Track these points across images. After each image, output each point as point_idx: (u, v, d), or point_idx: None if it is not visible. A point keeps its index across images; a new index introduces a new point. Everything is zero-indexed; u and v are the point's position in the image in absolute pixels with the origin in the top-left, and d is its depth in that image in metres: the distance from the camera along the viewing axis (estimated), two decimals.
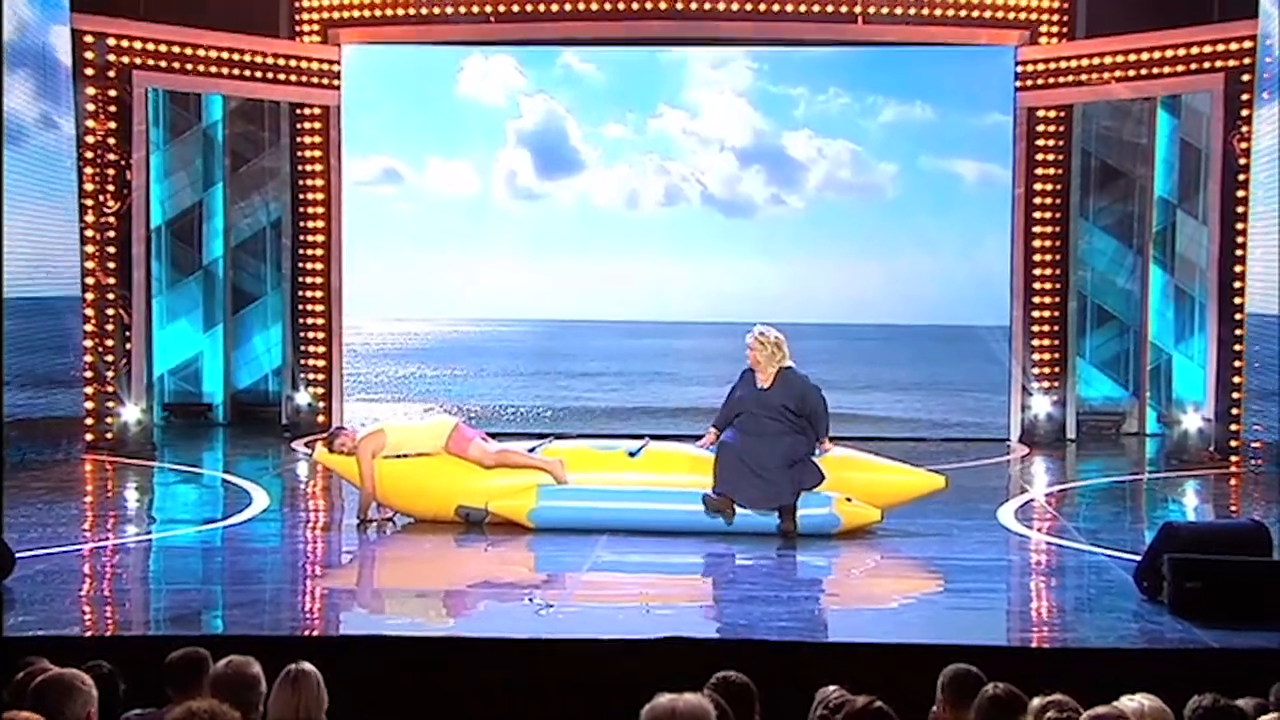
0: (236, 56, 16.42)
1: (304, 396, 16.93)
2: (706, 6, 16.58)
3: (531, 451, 10.91)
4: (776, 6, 16.56)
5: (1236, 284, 14.94)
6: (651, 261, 17.05)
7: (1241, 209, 14.82)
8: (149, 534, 11.11)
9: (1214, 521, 11.67)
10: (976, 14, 16.53)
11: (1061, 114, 16.59)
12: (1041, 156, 16.59)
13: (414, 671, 7.22)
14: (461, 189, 17.30)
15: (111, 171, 15.42)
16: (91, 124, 15.25)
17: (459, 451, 10.80)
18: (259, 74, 16.59)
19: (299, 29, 16.94)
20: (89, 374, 15.15)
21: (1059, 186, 16.63)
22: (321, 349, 17.18)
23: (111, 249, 15.43)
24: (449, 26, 16.74)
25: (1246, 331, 14.64)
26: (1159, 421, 16.63)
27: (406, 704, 7.05)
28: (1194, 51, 15.53)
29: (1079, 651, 7.58)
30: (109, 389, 15.22)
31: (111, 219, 15.40)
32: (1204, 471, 14.17)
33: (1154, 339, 16.74)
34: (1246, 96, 14.76)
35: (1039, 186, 16.62)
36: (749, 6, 16.59)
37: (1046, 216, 16.66)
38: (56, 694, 4.76)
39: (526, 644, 7.42)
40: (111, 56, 15.45)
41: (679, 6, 16.58)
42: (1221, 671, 6.55)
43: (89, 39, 15.29)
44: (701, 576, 9.85)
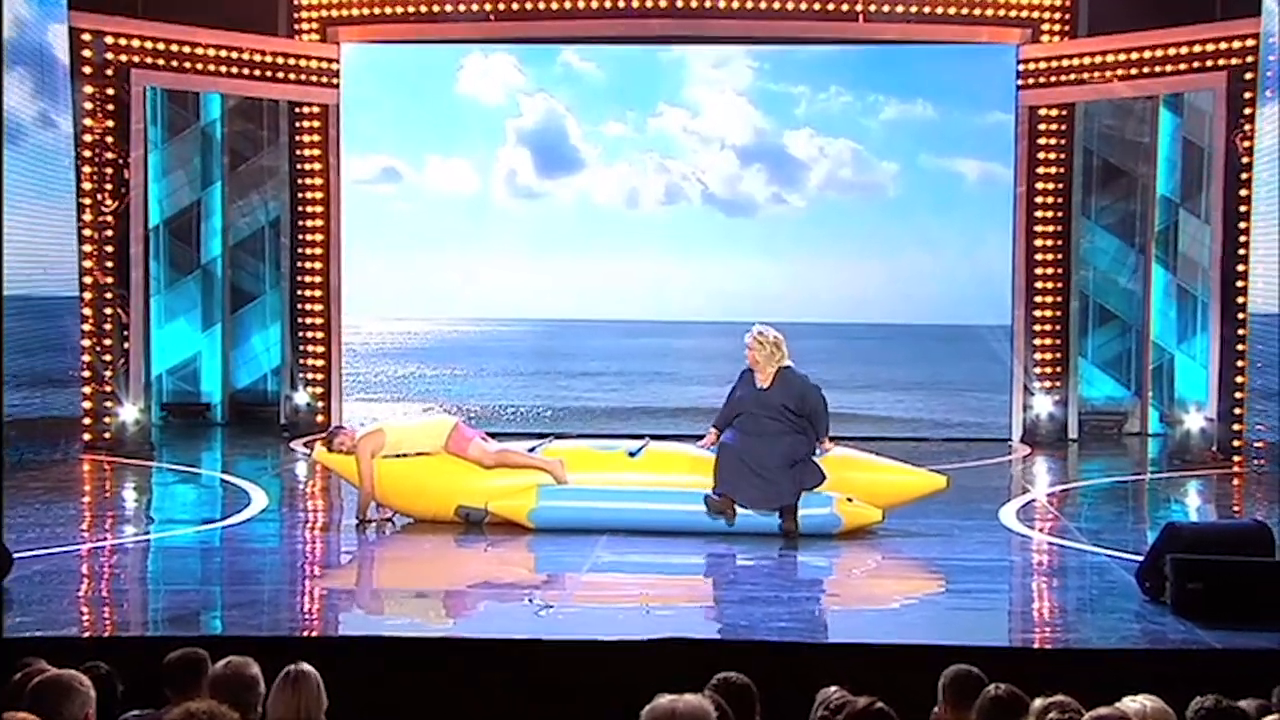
0: (235, 55, 16.39)
1: (303, 396, 16.89)
2: (707, 5, 16.54)
3: (531, 451, 10.90)
4: (777, 5, 16.52)
5: (1239, 283, 14.90)
6: (652, 261, 17.03)
7: (1244, 208, 14.78)
8: (147, 534, 11.10)
9: (1216, 522, 11.67)
10: (978, 12, 16.50)
11: (1063, 112, 16.56)
12: (1043, 155, 16.55)
13: (413, 672, 7.20)
14: (461, 188, 17.27)
15: (109, 170, 15.39)
16: (89, 122, 15.22)
17: (458, 451, 10.78)
18: (257, 72, 16.56)
19: (298, 27, 16.90)
20: (87, 374, 15.11)
21: (1061, 185, 16.61)
22: (320, 348, 17.15)
23: (109, 248, 15.41)
24: (448, 25, 16.72)
25: (1249, 331, 14.61)
26: (1161, 421, 16.62)
27: (406, 705, 7.03)
28: (1196, 50, 15.50)
29: (1081, 652, 7.57)
30: (107, 389, 15.20)
31: (109, 218, 15.37)
32: (1206, 472, 14.16)
33: (1156, 338, 16.72)
34: (1249, 95, 14.74)
35: (1041, 185, 16.59)
36: (749, 5, 16.54)
37: (1048, 215, 16.63)
38: (54, 695, 4.76)
39: (526, 645, 7.39)
40: (109, 55, 15.43)
41: (679, 5, 16.55)
42: (1224, 672, 6.55)
43: (87, 37, 15.25)
44: (702, 577, 9.84)
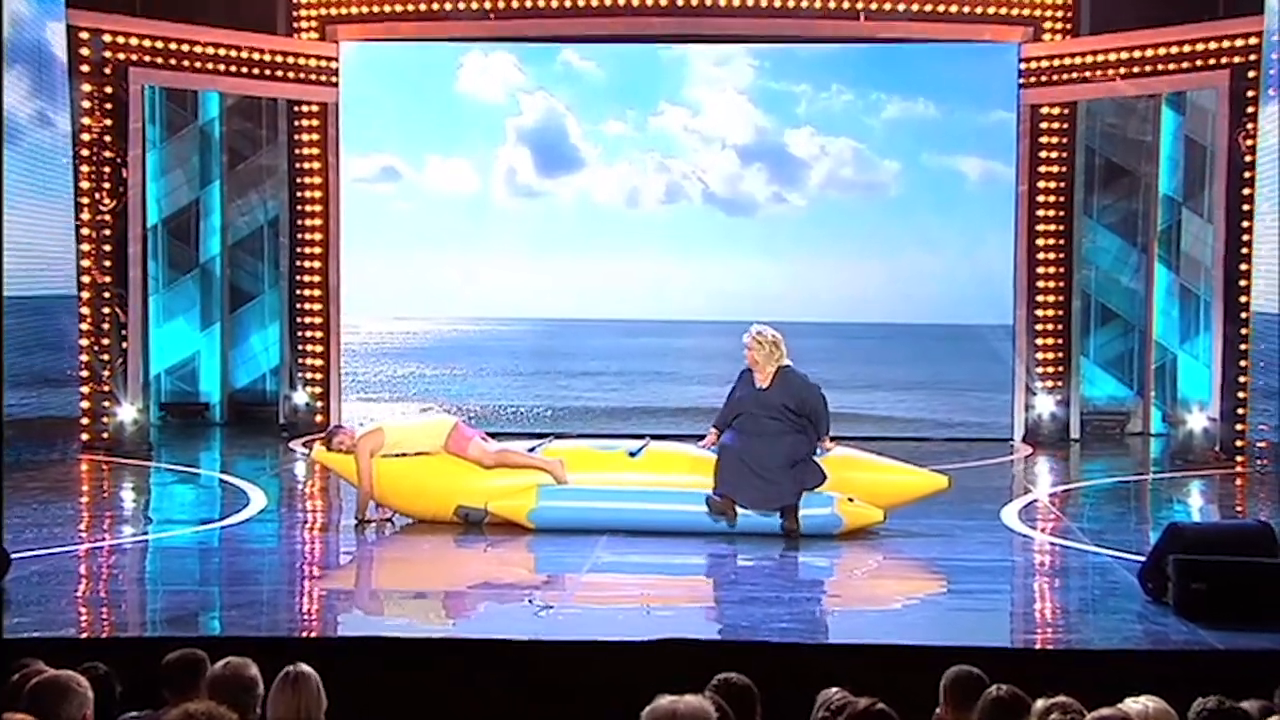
0: (233, 53, 16.35)
1: (302, 396, 16.86)
2: (708, 3, 16.51)
3: (531, 451, 10.88)
4: (779, 3, 16.49)
5: (1242, 282, 14.86)
6: (652, 260, 16.98)
7: (1247, 207, 14.74)
8: (145, 535, 11.08)
9: (1219, 522, 11.65)
10: (980, 10, 16.48)
11: (1065, 111, 16.53)
12: (1045, 154, 16.51)
13: (413, 673, 7.19)
14: (461, 187, 17.22)
15: (107, 169, 15.35)
16: (87, 121, 15.19)
17: (458, 451, 10.76)
18: (256, 71, 16.52)
19: (297, 25, 16.87)
20: (85, 373, 15.08)
21: (1063, 184, 16.56)
22: (319, 348, 17.11)
23: (107, 247, 15.37)
24: (448, 23, 16.70)
25: (1252, 330, 14.56)
26: (1164, 421, 16.59)
27: (405, 706, 7.01)
28: (1199, 48, 15.46)
29: (1083, 653, 7.56)
30: (105, 388, 15.16)
31: (107, 217, 15.34)
32: (1209, 471, 14.15)
33: (1159, 338, 16.68)
34: (1252, 93, 14.72)
35: (1043, 184, 16.54)
36: (750, 3, 16.51)
37: (1050, 214, 16.60)
38: (52, 696, 4.76)
39: (526, 645, 7.38)
40: (108, 53, 15.40)
41: (680, 3, 16.52)
42: (1226, 673, 6.54)
43: (85, 35, 15.21)
44: (703, 577, 9.82)
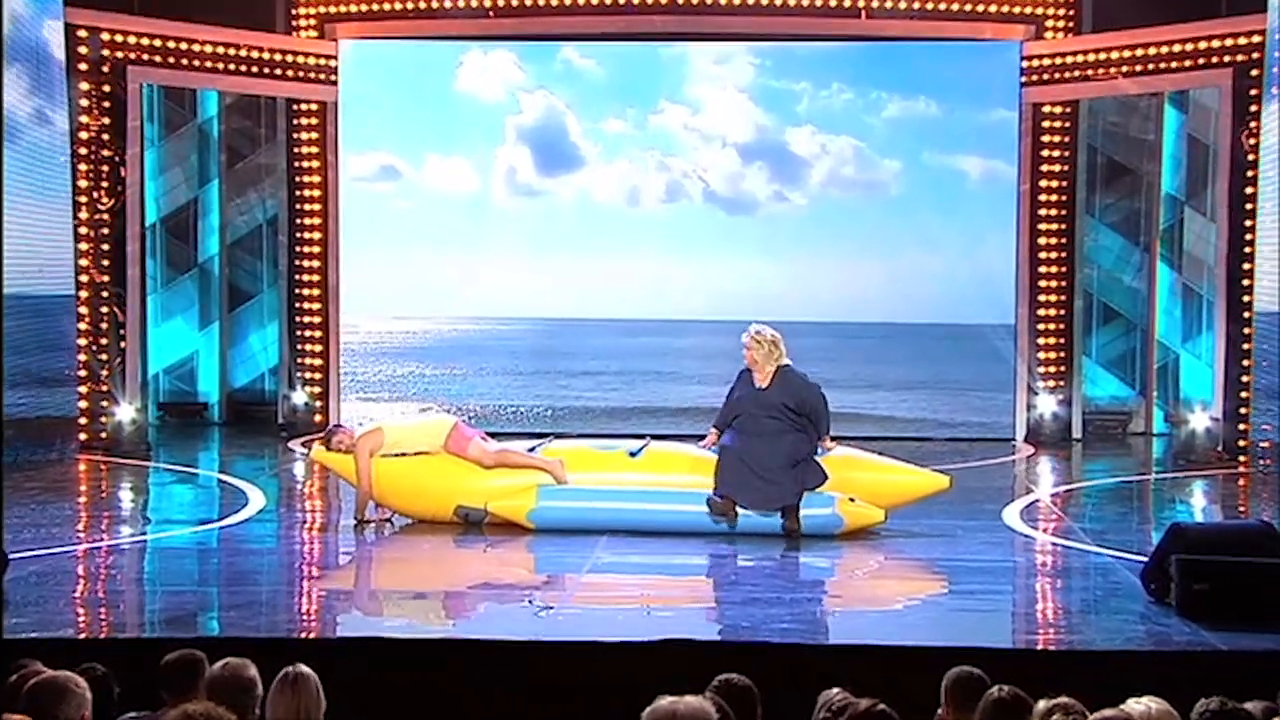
0: (232, 51, 16.30)
1: (301, 396, 16.83)
2: (708, 1, 16.48)
3: (531, 451, 10.86)
4: (779, 1, 16.44)
5: (1245, 282, 14.82)
6: (652, 259, 16.95)
7: (1250, 206, 14.73)
8: (144, 535, 11.07)
9: (1222, 522, 11.64)
10: (981, 8, 16.45)
11: (1067, 110, 16.49)
12: (1047, 153, 16.48)
13: (412, 674, 7.17)
14: (460, 186, 17.19)
15: (105, 168, 15.30)
16: (85, 120, 15.14)
17: (458, 450, 10.74)
18: (255, 69, 16.47)
19: (295, 24, 16.83)
20: (83, 373, 15.06)
21: (1065, 183, 16.54)
22: (318, 347, 17.07)
23: (105, 246, 15.33)
24: (448, 21, 16.69)
25: (1255, 330, 14.55)
26: (1166, 421, 16.55)
27: (405, 707, 6.99)
28: (1202, 46, 15.41)
29: (1085, 654, 7.54)
30: (103, 388, 15.13)
31: (105, 216, 15.29)
32: (1212, 471, 14.15)
33: (1161, 337, 16.65)
34: (1255, 92, 14.70)
35: (1044, 183, 16.51)
36: (751, 1, 16.47)
37: (1052, 213, 16.56)
38: (50, 697, 4.77)
39: (526, 646, 7.37)
40: (106, 51, 15.36)
41: (680, 1, 16.49)
42: (1229, 674, 6.52)
43: (83, 33, 15.16)
44: (703, 578, 9.80)
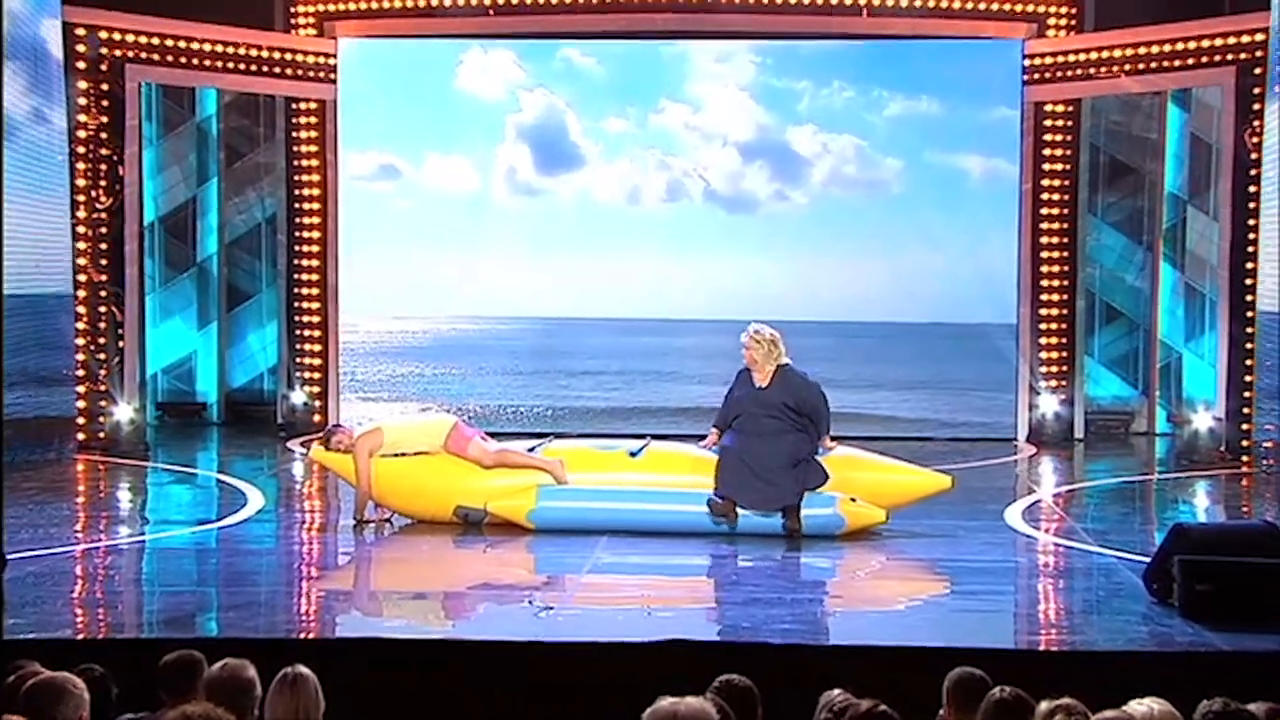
0: (231, 50, 16.28)
1: (299, 395, 16.80)
2: None
3: (531, 451, 10.84)
4: None
5: (1248, 281, 14.80)
6: (653, 258, 16.92)
7: (1253, 205, 14.70)
8: (142, 535, 11.06)
9: (1225, 522, 11.59)
10: (983, 6, 16.43)
11: (1069, 108, 16.46)
12: (1049, 151, 16.45)
13: (412, 675, 7.15)
14: (460, 185, 17.16)
15: (104, 167, 15.29)
16: (83, 118, 15.13)
17: (457, 450, 10.72)
18: (254, 68, 16.44)
19: (294, 22, 16.81)
20: (81, 373, 15.04)
21: (1067, 182, 16.51)
22: (317, 347, 17.04)
23: (104, 245, 15.32)
24: (447, 19, 16.67)
25: (1258, 329, 14.53)
26: (1169, 421, 16.53)
27: (404, 708, 6.97)
28: (1205, 44, 15.38)
29: (1087, 655, 7.52)
30: (101, 388, 15.11)
31: (104, 215, 15.28)
32: (1215, 472, 14.12)
33: (1164, 337, 16.63)
34: (1258, 90, 14.66)
35: (1046, 182, 16.48)
36: None
37: (1054, 212, 16.54)
38: (48, 697, 4.78)
39: (526, 647, 7.34)
40: (104, 50, 15.35)
41: None
42: (1232, 675, 6.49)
43: (81, 32, 15.15)
44: (704, 578, 9.78)
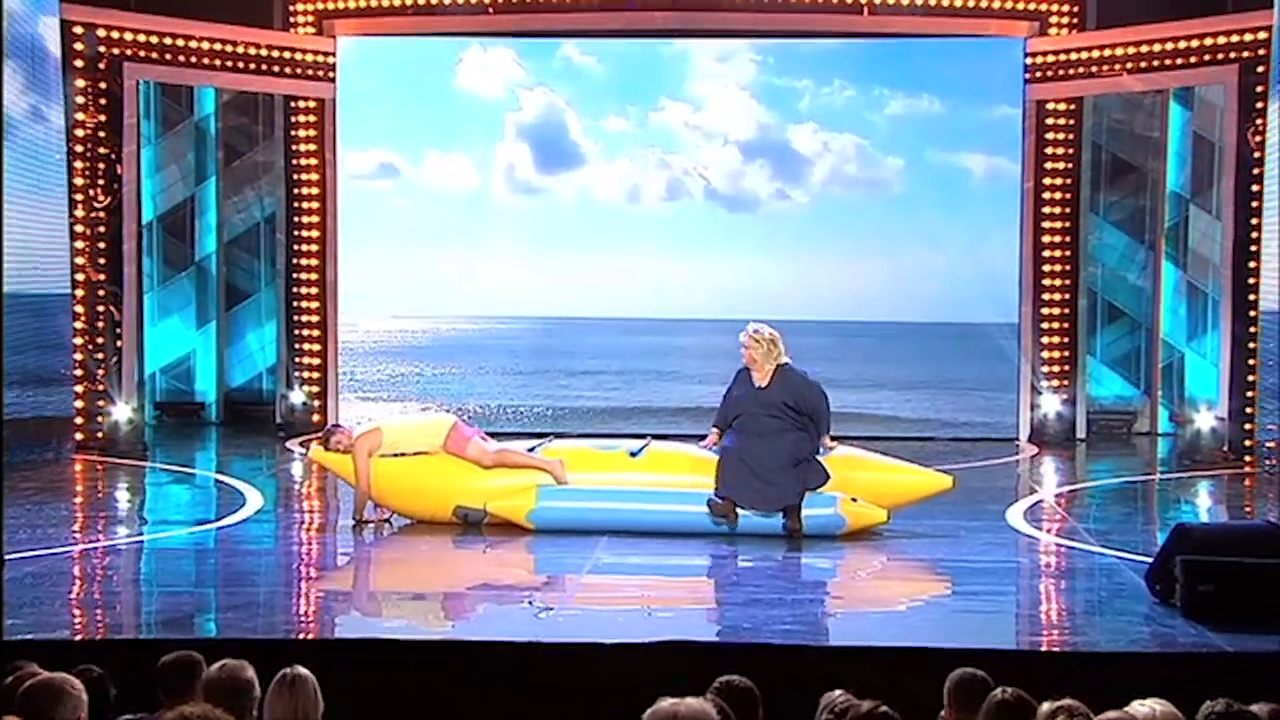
0: (229, 48, 16.26)
1: (299, 395, 16.77)
2: None
3: (531, 451, 10.82)
4: None
5: (1251, 280, 14.81)
6: (653, 257, 16.90)
7: (1256, 204, 14.71)
8: (141, 535, 11.04)
9: (1227, 523, 11.57)
10: (985, 4, 16.41)
11: (1071, 107, 16.43)
12: (1051, 150, 16.43)
13: (411, 675, 7.14)
14: (460, 183, 17.15)
15: (102, 165, 15.28)
16: (81, 117, 15.12)
17: (457, 450, 10.69)
18: (252, 66, 16.42)
19: (293, 20, 16.78)
20: (79, 372, 15.03)
21: (1069, 181, 16.49)
22: (316, 346, 17.02)
23: (102, 244, 15.32)
24: (446, 17, 16.65)
25: (1261, 329, 14.54)
26: (1171, 421, 16.50)
27: (404, 709, 6.95)
28: (1207, 43, 15.37)
29: (1089, 655, 7.49)
30: (99, 388, 15.11)
31: (102, 214, 15.28)
32: (1217, 472, 14.09)
33: (1166, 336, 16.60)
34: (1261, 88, 14.65)
35: (1048, 181, 16.46)
36: None
37: (1056, 211, 16.51)
38: (46, 698, 4.78)
39: (526, 647, 7.32)
40: (102, 48, 15.33)
41: None
42: (1235, 676, 6.46)
43: (78, 30, 15.15)
44: (704, 578, 9.76)
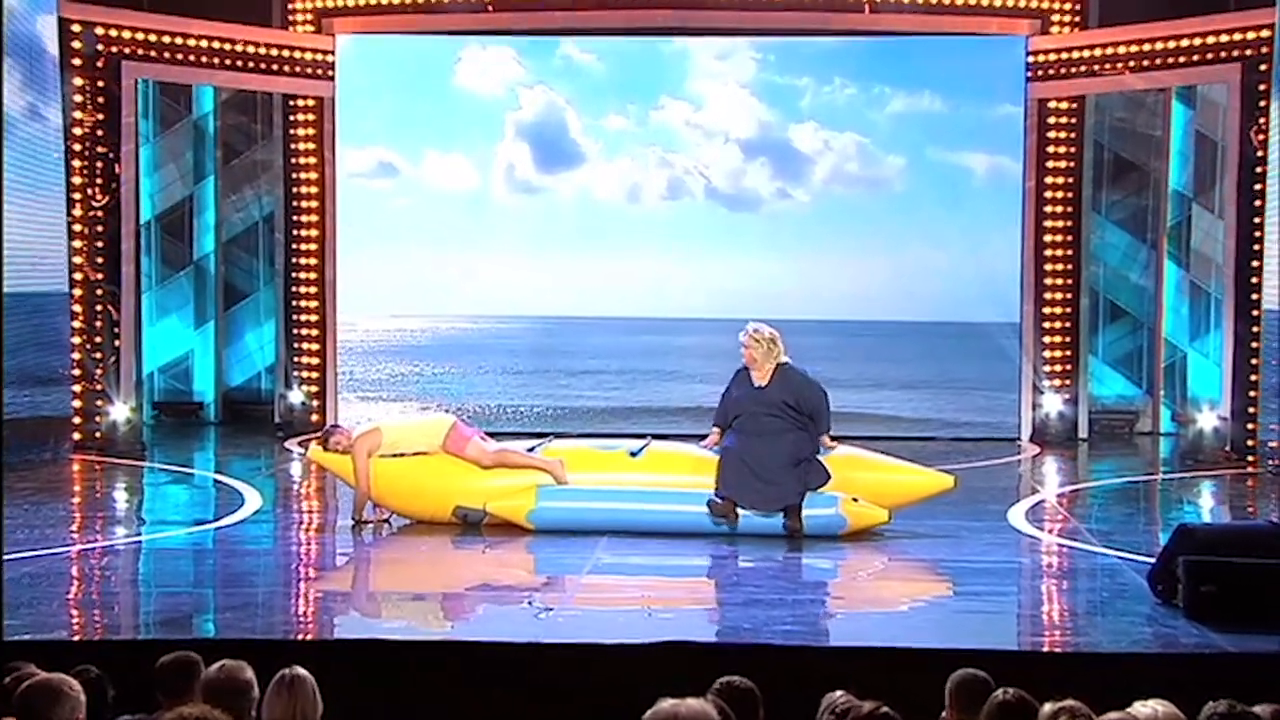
0: (228, 47, 16.24)
1: (297, 395, 16.75)
2: None
3: (531, 451, 10.80)
4: None
5: (1253, 279, 14.81)
6: (653, 257, 16.89)
7: (1259, 202, 14.70)
8: (139, 536, 11.03)
9: (1230, 523, 11.56)
10: (986, 2, 16.39)
11: (1073, 105, 16.41)
12: (1053, 149, 16.41)
13: (411, 676, 7.12)
14: (459, 182, 17.13)
15: (100, 164, 15.29)
16: (79, 115, 15.12)
17: (456, 450, 10.67)
18: (251, 64, 16.41)
19: (292, 18, 16.75)
20: (77, 372, 15.02)
21: (1071, 180, 16.47)
22: (315, 346, 17.00)
23: (100, 244, 15.32)
24: (446, 16, 16.64)
25: (1263, 328, 14.53)
26: (1173, 420, 16.49)
27: (403, 710, 6.93)
28: (1210, 41, 15.36)
29: (1091, 656, 7.46)
30: (97, 387, 15.10)
31: (100, 213, 15.29)
32: (1220, 471, 14.06)
33: (1168, 336, 16.58)
34: (1264, 87, 14.63)
35: (1050, 180, 16.44)
36: None
37: (1058, 210, 16.49)
38: (44, 699, 4.76)
39: (526, 648, 7.30)
40: (100, 46, 15.32)
41: None
42: (1237, 677, 6.44)
43: (76, 28, 15.14)
44: (704, 579, 9.74)
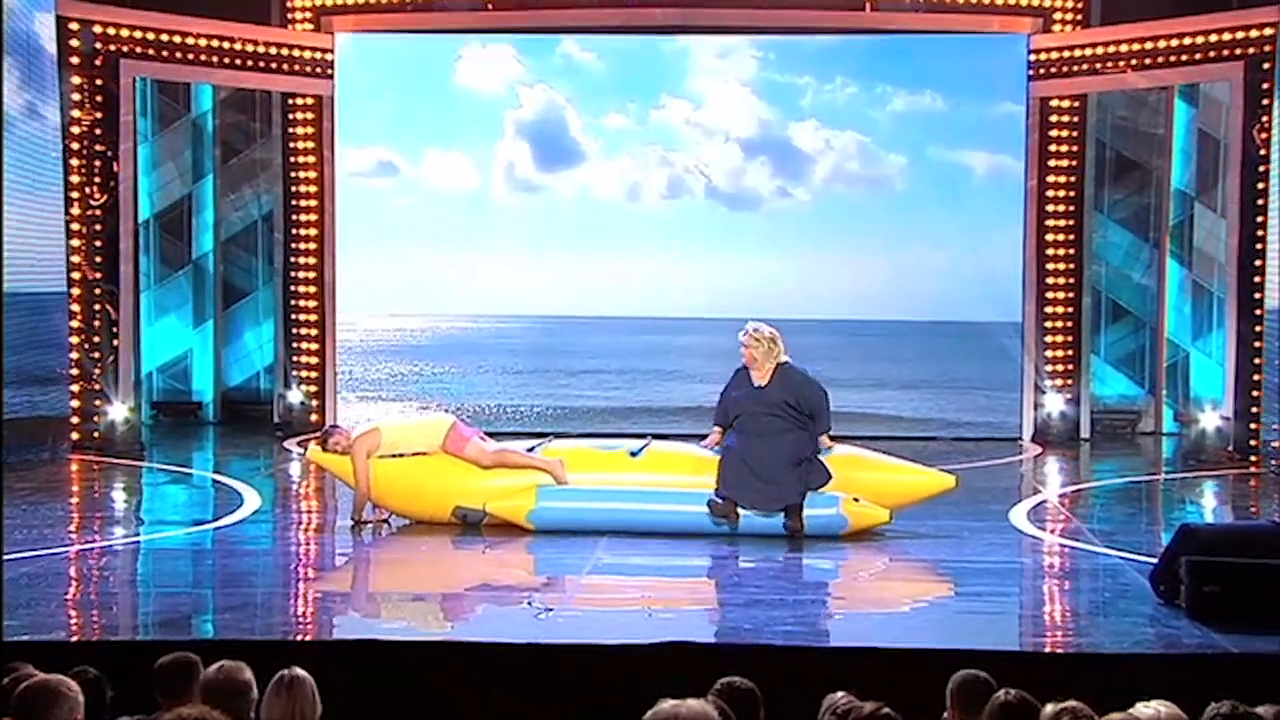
0: (227, 45, 16.24)
1: (296, 395, 16.74)
2: None
3: (531, 451, 10.80)
4: None
5: (1256, 279, 14.80)
6: (654, 256, 16.88)
7: (1261, 201, 14.69)
8: (137, 536, 11.03)
9: (1233, 523, 11.58)
10: (988, 1, 16.39)
11: (1075, 104, 16.39)
12: (1055, 148, 16.41)
13: (410, 677, 7.11)
14: (459, 181, 17.12)
15: (98, 163, 15.29)
16: (77, 114, 15.13)
17: (456, 450, 10.67)
18: (250, 63, 16.41)
19: (291, 17, 16.74)
20: (75, 371, 15.02)
21: (1073, 178, 16.46)
22: (314, 346, 16.99)
23: (98, 243, 15.33)
24: (445, 14, 16.65)
25: (1266, 328, 14.53)
26: (1176, 420, 16.51)
27: (402, 711, 6.93)
28: (1212, 39, 15.35)
29: (1093, 657, 7.46)
30: (96, 387, 15.11)
31: (98, 212, 15.30)
32: (1222, 471, 14.06)
33: (1171, 335, 16.58)
34: (1267, 85, 14.65)
35: (1052, 178, 16.44)
36: None
37: (1060, 209, 16.48)
38: (42, 700, 4.75)
39: (525, 649, 7.29)
40: (98, 45, 15.33)
41: None
42: (1240, 677, 6.47)
43: (75, 26, 15.13)
44: (705, 579, 9.73)
